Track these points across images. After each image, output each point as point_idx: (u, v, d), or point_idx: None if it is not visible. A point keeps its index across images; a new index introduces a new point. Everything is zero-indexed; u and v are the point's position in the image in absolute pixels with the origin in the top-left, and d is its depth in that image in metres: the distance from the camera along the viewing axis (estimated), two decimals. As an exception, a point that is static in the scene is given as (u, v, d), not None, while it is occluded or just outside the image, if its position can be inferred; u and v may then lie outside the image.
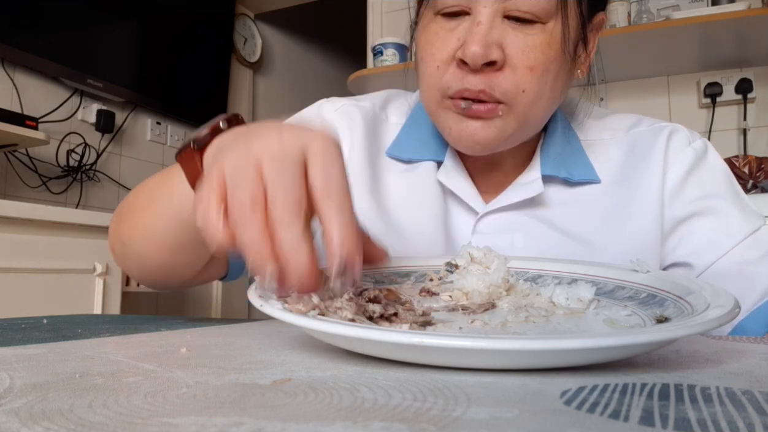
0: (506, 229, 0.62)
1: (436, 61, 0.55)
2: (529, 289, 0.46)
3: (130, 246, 0.57)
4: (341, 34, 3.83)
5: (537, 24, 0.53)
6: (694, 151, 0.63)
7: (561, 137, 0.64)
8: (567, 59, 0.55)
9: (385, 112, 0.72)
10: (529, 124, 0.57)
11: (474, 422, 0.19)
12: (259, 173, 0.33)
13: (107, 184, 2.35)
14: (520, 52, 0.52)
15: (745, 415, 0.21)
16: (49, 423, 0.19)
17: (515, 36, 0.53)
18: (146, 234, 0.54)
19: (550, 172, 0.62)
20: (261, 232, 0.32)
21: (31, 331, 0.47)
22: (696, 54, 1.83)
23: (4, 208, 1.39)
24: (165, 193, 0.52)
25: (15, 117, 1.69)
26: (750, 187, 1.54)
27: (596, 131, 0.67)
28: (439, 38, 0.55)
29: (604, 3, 0.61)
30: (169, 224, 0.51)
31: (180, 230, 0.51)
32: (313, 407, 0.21)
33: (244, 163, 0.33)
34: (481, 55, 0.51)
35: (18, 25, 1.91)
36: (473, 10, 0.53)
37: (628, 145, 0.65)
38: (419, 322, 0.36)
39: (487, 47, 0.51)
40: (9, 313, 0.75)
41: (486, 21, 0.52)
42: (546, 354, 0.28)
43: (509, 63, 0.53)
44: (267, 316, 0.35)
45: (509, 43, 0.52)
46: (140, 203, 0.56)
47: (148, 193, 0.55)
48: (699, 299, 0.37)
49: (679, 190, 0.62)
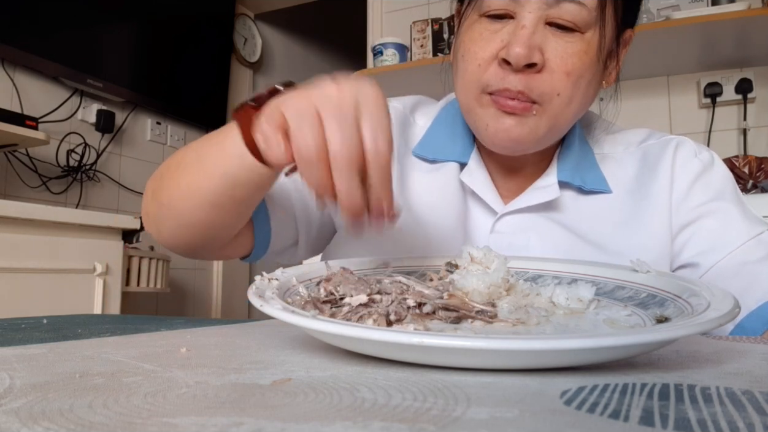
0: (523, 229, 0.64)
1: (478, 60, 0.58)
2: (529, 289, 0.46)
3: (169, 206, 0.57)
4: (341, 34, 3.82)
5: (576, 33, 0.56)
6: (700, 162, 0.66)
7: (578, 148, 0.67)
8: (599, 68, 0.59)
9: (414, 115, 0.75)
10: (559, 126, 0.60)
11: (474, 422, 0.19)
12: (319, 119, 0.39)
13: (107, 184, 2.35)
14: (559, 57, 0.56)
15: (745, 415, 0.21)
16: (49, 423, 0.19)
17: (555, 42, 0.56)
18: (190, 190, 0.54)
19: (565, 178, 0.65)
20: (322, 171, 0.39)
21: (31, 331, 0.47)
22: (696, 54, 1.83)
23: (4, 208, 1.39)
24: (213, 151, 0.52)
25: (15, 117, 1.69)
26: (750, 187, 1.54)
27: (610, 145, 0.70)
28: (483, 38, 0.58)
29: (634, 21, 0.64)
30: (215, 180, 0.52)
31: (226, 185, 0.52)
32: (313, 407, 0.21)
33: (305, 107, 0.40)
34: (524, 56, 0.54)
35: (18, 25, 1.91)
36: (518, 14, 0.56)
37: (639, 158, 0.68)
38: None
39: (530, 49, 0.54)
40: (9, 313, 0.75)
41: (530, 25, 0.55)
42: (546, 354, 0.28)
43: (548, 66, 0.56)
44: (267, 316, 0.35)
45: (549, 48, 0.56)
46: (185, 161, 0.56)
47: (194, 152, 0.56)
48: (699, 299, 0.37)
49: (685, 198, 0.64)
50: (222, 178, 0.51)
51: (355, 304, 0.39)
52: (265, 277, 0.42)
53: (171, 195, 0.57)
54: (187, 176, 0.55)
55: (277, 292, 0.39)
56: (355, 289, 0.41)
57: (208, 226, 0.57)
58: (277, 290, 0.40)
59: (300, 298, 0.42)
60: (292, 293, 0.43)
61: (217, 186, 0.52)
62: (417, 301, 0.40)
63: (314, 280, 0.47)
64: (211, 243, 0.61)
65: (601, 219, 0.64)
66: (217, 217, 0.56)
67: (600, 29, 0.57)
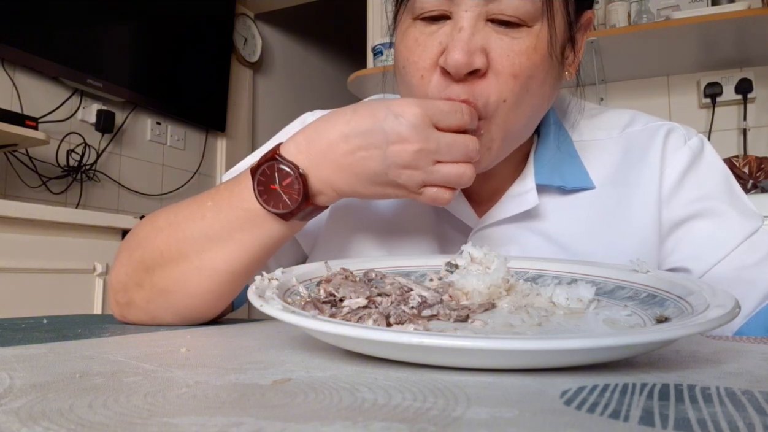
0: (502, 243, 0.60)
1: (419, 70, 0.52)
2: (529, 289, 0.46)
3: (174, 292, 0.53)
4: (341, 34, 3.82)
5: (522, 27, 0.50)
6: (690, 150, 0.62)
7: (554, 141, 0.63)
8: (554, 63, 0.53)
9: None
10: (514, 134, 0.55)
11: (474, 422, 0.19)
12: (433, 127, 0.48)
13: (107, 184, 2.34)
14: (505, 57, 0.50)
15: (745, 415, 0.21)
16: (49, 423, 0.19)
17: (499, 40, 0.50)
18: (204, 267, 0.52)
19: (544, 181, 0.60)
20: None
21: (31, 331, 0.47)
22: (696, 54, 1.83)
23: (4, 208, 1.38)
24: (235, 225, 0.52)
25: (15, 117, 1.69)
26: (750, 187, 1.54)
27: (590, 131, 0.65)
28: (419, 44, 0.52)
29: (591, 1, 0.59)
30: (246, 252, 0.52)
31: (256, 253, 0.53)
32: (313, 407, 0.21)
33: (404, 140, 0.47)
34: (464, 64, 0.48)
35: (18, 25, 1.91)
36: (454, 14, 0.50)
37: (623, 145, 0.64)
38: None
39: (470, 54, 0.49)
40: (9, 313, 0.75)
41: (468, 26, 0.49)
42: (546, 354, 0.28)
43: (492, 69, 0.50)
44: (267, 316, 0.35)
45: (493, 48, 0.50)
46: (188, 242, 0.53)
47: (199, 231, 0.53)
48: (699, 299, 0.37)
49: (676, 191, 0.61)
50: (254, 245, 0.52)
51: (355, 307, 0.39)
52: (265, 277, 0.42)
53: (176, 279, 0.53)
54: (202, 255, 0.52)
55: (277, 292, 0.39)
56: (355, 291, 0.41)
57: (217, 303, 0.55)
58: (277, 290, 0.40)
59: (300, 299, 0.42)
60: (292, 293, 0.43)
61: (247, 257, 0.52)
62: (417, 303, 0.40)
63: (314, 280, 0.47)
64: (209, 317, 0.57)
65: (585, 219, 0.61)
66: (231, 288, 0.54)
67: (549, 20, 0.51)
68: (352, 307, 0.39)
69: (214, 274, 0.53)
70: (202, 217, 0.53)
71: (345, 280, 0.44)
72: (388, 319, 0.36)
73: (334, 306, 0.40)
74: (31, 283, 1.45)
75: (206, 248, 0.52)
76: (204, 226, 0.53)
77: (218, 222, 0.52)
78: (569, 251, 0.60)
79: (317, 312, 0.38)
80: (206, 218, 0.53)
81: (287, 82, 3.55)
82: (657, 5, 1.83)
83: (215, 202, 0.53)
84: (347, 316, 0.38)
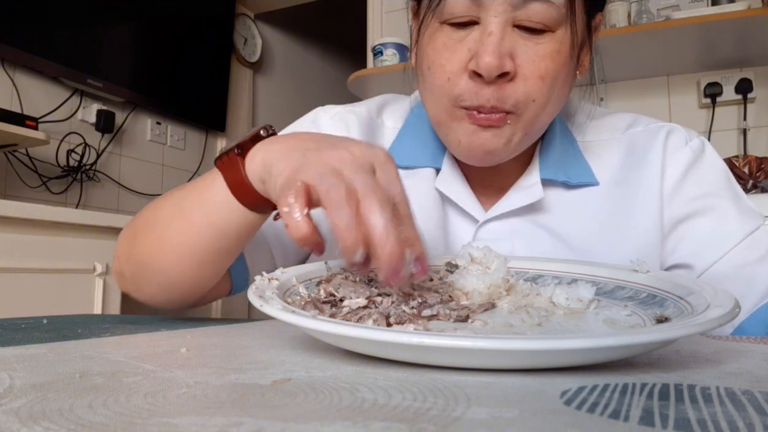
0: (507, 236, 0.62)
1: (446, 73, 0.54)
2: (529, 289, 0.46)
3: (150, 264, 0.55)
4: (341, 34, 3.82)
5: (547, 33, 0.53)
6: (691, 150, 0.63)
7: (559, 139, 0.64)
8: (573, 64, 0.56)
9: (381, 117, 0.72)
10: (534, 131, 0.57)
11: (474, 422, 0.19)
12: (343, 179, 0.38)
13: (107, 184, 2.34)
14: (531, 62, 0.52)
15: (745, 415, 0.21)
16: (49, 423, 0.19)
17: (525, 46, 0.52)
18: (173, 245, 0.53)
19: (549, 176, 0.62)
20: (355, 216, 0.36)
21: (31, 331, 0.47)
22: (696, 54, 1.83)
23: (4, 208, 1.38)
24: (195, 202, 0.51)
25: (15, 117, 1.68)
26: (750, 187, 1.54)
27: (594, 132, 0.67)
28: (447, 49, 0.54)
29: (603, 4, 0.61)
30: (201, 232, 0.51)
31: (212, 237, 0.51)
32: (313, 407, 0.21)
33: (329, 172, 0.38)
34: (495, 67, 0.51)
35: (18, 25, 1.91)
36: (483, 19, 0.52)
37: (625, 145, 0.65)
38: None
39: (500, 58, 0.51)
40: (9, 313, 0.75)
41: (497, 31, 0.51)
42: (546, 354, 0.28)
43: (520, 73, 0.53)
44: (267, 316, 0.35)
45: (520, 53, 0.52)
46: (164, 215, 0.54)
47: (173, 207, 0.54)
48: (699, 299, 0.37)
49: (678, 190, 0.62)
50: (208, 228, 0.50)
51: (355, 307, 0.39)
52: (265, 277, 0.42)
53: (151, 253, 0.54)
54: (169, 231, 0.53)
55: (277, 292, 0.39)
56: (355, 292, 0.41)
57: (191, 281, 0.55)
58: (277, 290, 0.40)
59: (300, 299, 0.42)
60: (292, 293, 0.43)
61: (204, 238, 0.51)
62: (417, 303, 0.40)
63: (314, 280, 0.47)
64: (193, 295, 0.58)
65: (589, 216, 0.62)
66: (206, 269, 0.54)
67: (571, 25, 0.53)
68: (352, 307, 0.39)
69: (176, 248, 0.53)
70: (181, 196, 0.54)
71: (345, 280, 0.44)
72: (388, 319, 0.36)
73: (334, 306, 0.40)
74: (31, 283, 1.45)
75: (168, 221, 0.54)
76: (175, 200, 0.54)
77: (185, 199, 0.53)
78: (572, 246, 0.61)
79: (317, 312, 0.38)
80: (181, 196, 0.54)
81: (287, 82, 3.55)
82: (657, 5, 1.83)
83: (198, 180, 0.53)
84: (347, 316, 0.38)
